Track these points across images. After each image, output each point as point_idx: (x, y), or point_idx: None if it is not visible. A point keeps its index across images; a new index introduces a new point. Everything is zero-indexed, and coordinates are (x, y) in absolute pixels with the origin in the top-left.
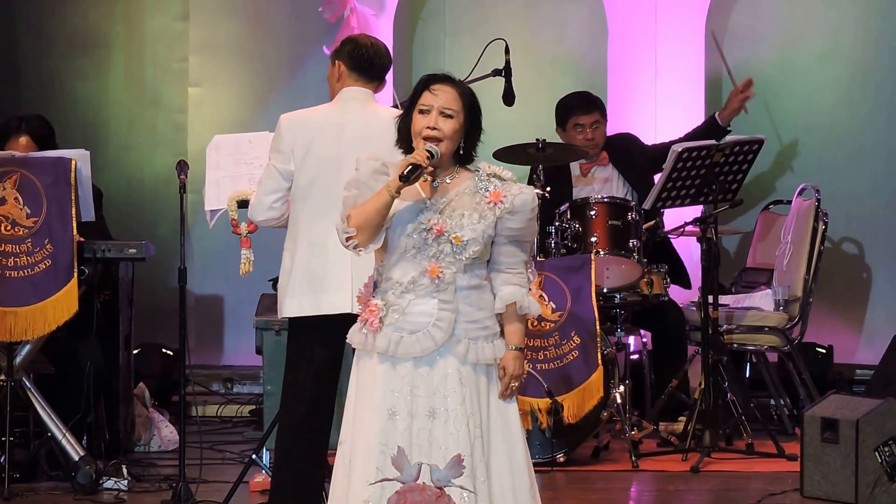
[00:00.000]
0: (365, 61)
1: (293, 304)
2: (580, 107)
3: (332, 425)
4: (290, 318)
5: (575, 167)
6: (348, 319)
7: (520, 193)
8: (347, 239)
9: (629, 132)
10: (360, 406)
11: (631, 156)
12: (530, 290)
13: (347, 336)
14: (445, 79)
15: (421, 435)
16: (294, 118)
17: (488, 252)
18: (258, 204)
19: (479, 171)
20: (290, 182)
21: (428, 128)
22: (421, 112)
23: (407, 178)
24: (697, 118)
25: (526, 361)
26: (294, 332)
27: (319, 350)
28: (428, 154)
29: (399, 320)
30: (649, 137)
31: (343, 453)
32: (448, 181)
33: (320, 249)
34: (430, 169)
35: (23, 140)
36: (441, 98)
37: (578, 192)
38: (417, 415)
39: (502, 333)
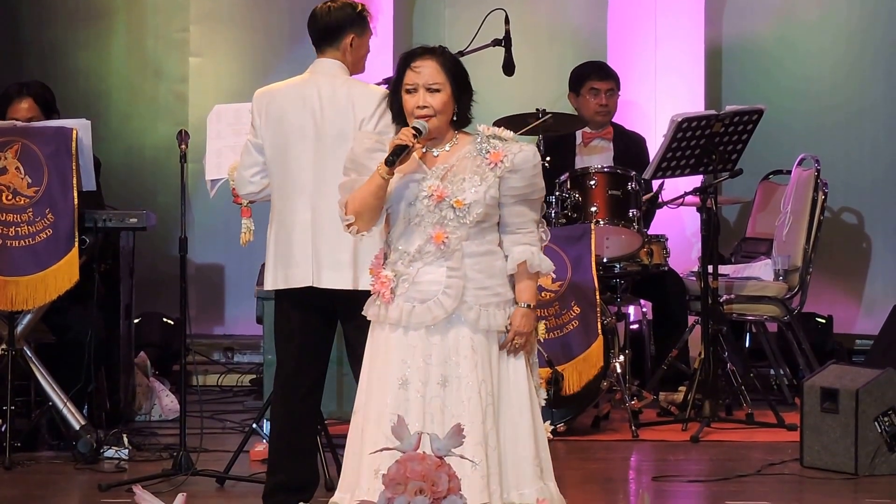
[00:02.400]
0: (310, 30)
1: (269, 278)
2: (597, 73)
3: (342, 396)
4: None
5: (579, 137)
6: (313, 292)
7: (520, 151)
8: (348, 226)
9: (644, 137)
10: (373, 376)
11: (633, 153)
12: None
13: (363, 309)
14: (424, 53)
15: (434, 403)
16: (263, 91)
17: (495, 215)
18: (239, 178)
19: (478, 134)
20: (264, 156)
21: (418, 107)
22: (408, 92)
23: (392, 162)
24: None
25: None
26: (276, 302)
27: (298, 317)
28: (414, 132)
29: (409, 290)
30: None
31: (356, 423)
32: (447, 148)
33: (287, 224)
34: (419, 146)
35: (25, 104)
36: (424, 74)
37: (581, 162)
38: (430, 383)
39: (517, 301)
